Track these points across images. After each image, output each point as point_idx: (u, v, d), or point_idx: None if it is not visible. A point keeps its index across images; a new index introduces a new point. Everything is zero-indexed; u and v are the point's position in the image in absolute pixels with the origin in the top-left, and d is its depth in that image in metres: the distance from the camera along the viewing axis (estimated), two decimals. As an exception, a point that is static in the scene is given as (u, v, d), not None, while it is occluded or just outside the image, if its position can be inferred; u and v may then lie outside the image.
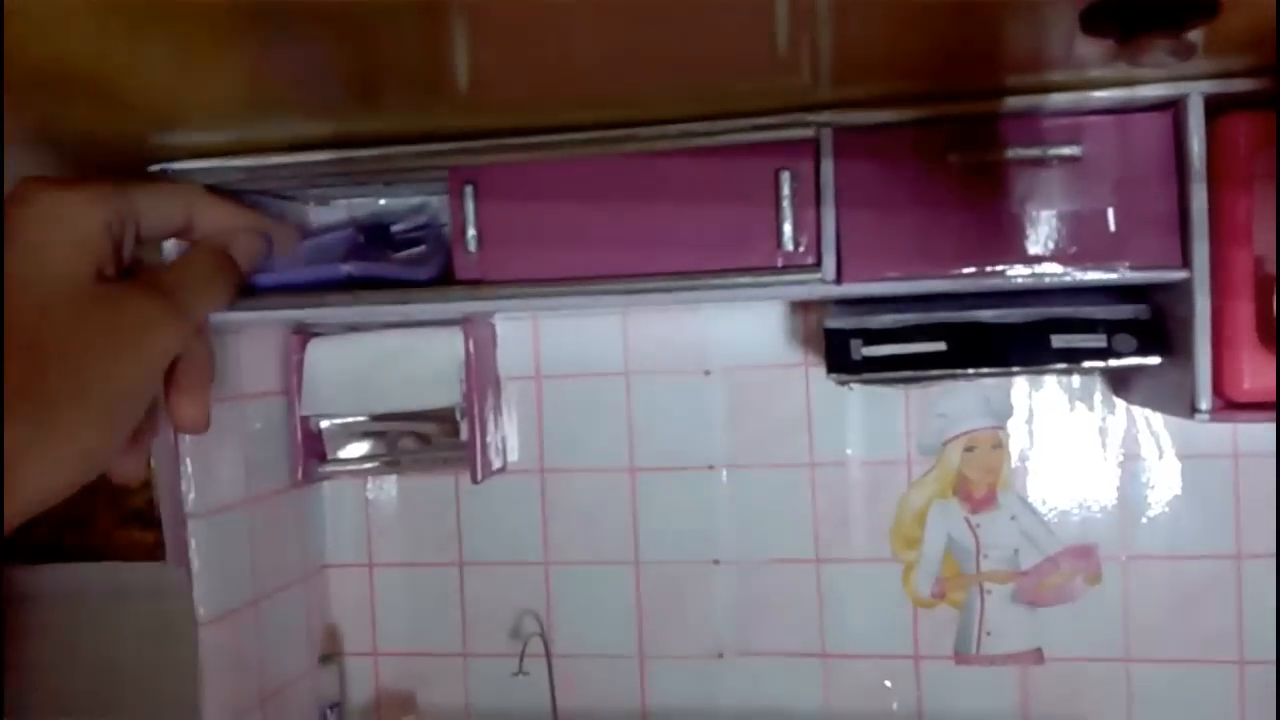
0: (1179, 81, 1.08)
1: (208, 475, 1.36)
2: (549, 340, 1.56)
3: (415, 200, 1.50)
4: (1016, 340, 1.20)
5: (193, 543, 1.34)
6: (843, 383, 1.31)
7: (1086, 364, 1.18)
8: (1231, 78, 1.06)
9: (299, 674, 1.54)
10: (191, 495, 1.33)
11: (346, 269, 0.69)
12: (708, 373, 1.52)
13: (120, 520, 1.79)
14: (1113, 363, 1.17)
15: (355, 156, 1.24)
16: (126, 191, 0.54)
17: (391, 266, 0.73)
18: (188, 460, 1.33)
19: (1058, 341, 1.19)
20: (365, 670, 1.64)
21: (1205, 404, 1.08)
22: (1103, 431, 1.43)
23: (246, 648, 1.42)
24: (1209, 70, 1.05)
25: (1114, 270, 1.12)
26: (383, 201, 1.58)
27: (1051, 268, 1.13)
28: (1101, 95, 1.10)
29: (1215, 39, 0.86)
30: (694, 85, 1.05)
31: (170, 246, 1.23)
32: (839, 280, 1.14)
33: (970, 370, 1.20)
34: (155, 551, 1.76)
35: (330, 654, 1.59)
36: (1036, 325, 1.20)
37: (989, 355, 1.20)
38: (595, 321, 1.54)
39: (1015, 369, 1.20)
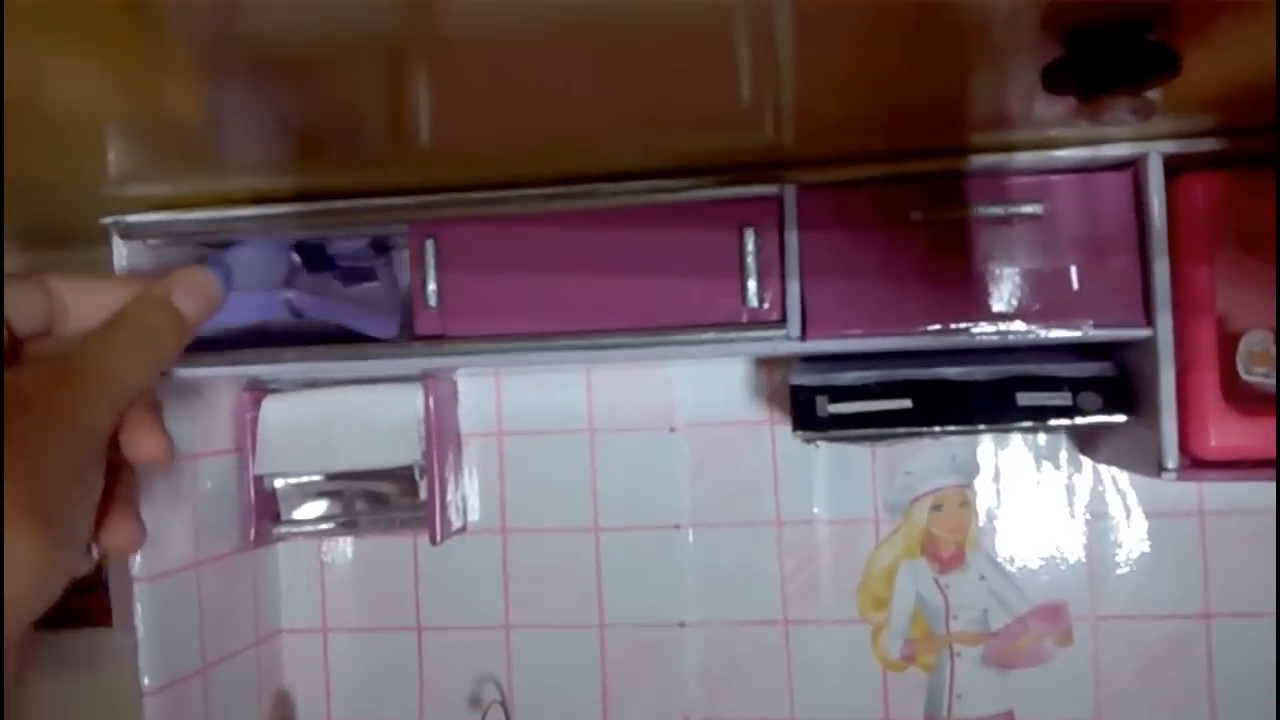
0: (1141, 141, 1.09)
1: (155, 538, 1.31)
2: (511, 396, 1.53)
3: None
4: (982, 397, 1.19)
5: (138, 608, 1.29)
6: (809, 440, 1.29)
7: (1052, 421, 1.18)
8: (1193, 138, 1.08)
9: (248, 745, 1.48)
10: (137, 559, 1.28)
11: (288, 296, 0.53)
12: (673, 429, 1.50)
13: (72, 585, 1.72)
14: (1078, 420, 1.17)
15: (315, 210, 1.22)
16: None
17: (346, 309, 0.51)
18: (134, 522, 1.29)
19: (1023, 399, 1.18)
20: (318, 740, 1.58)
21: (1172, 462, 1.07)
22: (1070, 490, 1.42)
23: (193, 717, 1.36)
24: (1170, 130, 1.07)
25: (1078, 328, 1.12)
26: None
27: (1016, 325, 1.12)
28: (1064, 154, 1.11)
29: (1176, 98, 0.86)
30: (657, 140, 1.05)
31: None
32: (804, 337, 1.13)
33: (936, 428, 1.19)
34: (103, 617, 1.69)
35: (282, 723, 1.54)
36: (1002, 383, 1.19)
37: (955, 413, 1.19)
38: (558, 377, 1.52)
39: (981, 427, 1.19)
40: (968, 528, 1.44)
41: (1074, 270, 1.12)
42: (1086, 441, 1.40)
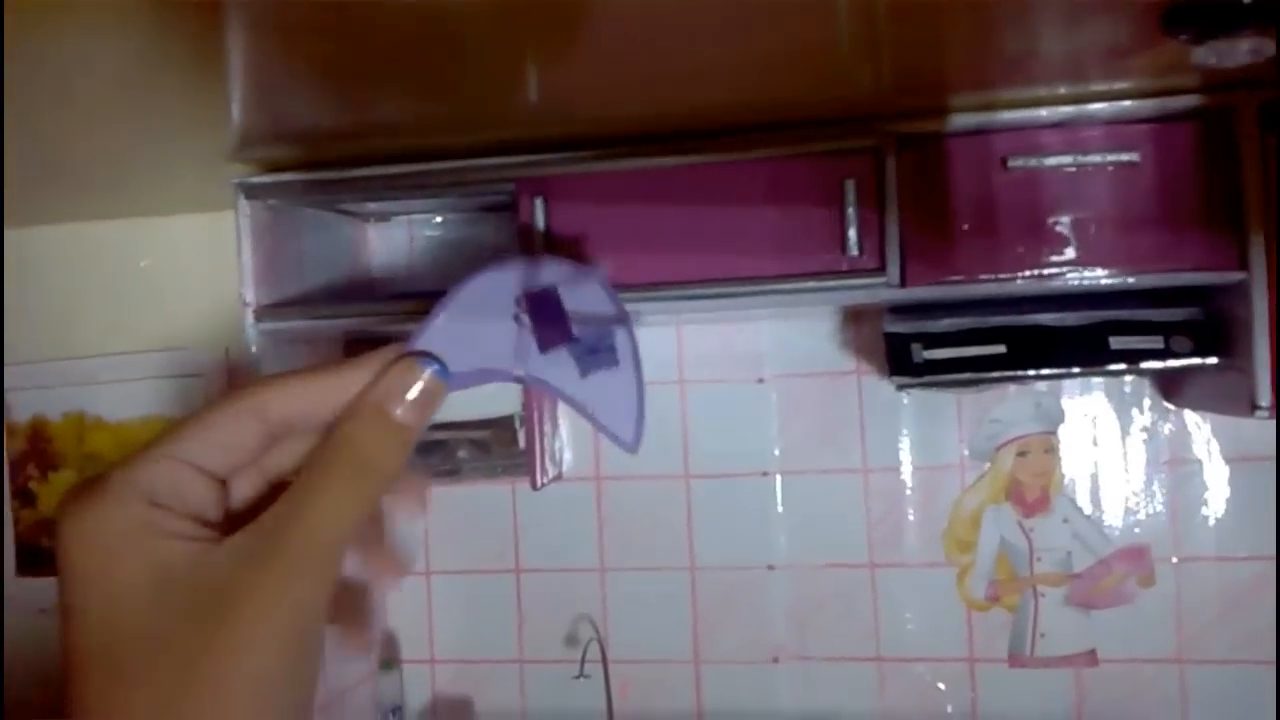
0: (1235, 90, 1.12)
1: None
2: (604, 350, 1.59)
3: (586, 278, 1.53)
4: (1075, 342, 1.23)
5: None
6: (903, 386, 1.34)
7: (1144, 365, 1.21)
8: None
9: (359, 679, 1.57)
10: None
11: (519, 375, 0.44)
12: (761, 380, 1.55)
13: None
14: (1171, 363, 1.20)
15: (428, 170, 1.28)
16: (159, 456, 0.36)
17: (577, 392, 0.40)
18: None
19: (1116, 343, 1.22)
20: (422, 676, 1.66)
21: (1265, 400, 1.11)
22: (1152, 435, 1.46)
23: (312, 652, 1.44)
24: (1265, 78, 1.09)
25: (1172, 273, 1.15)
26: (437, 221, 1.62)
27: (1111, 270, 1.16)
28: (1159, 103, 1.14)
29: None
30: (760, 88, 1.09)
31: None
32: (904, 284, 1.18)
33: (1030, 372, 1.23)
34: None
35: (389, 659, 1.62)
36: (1094, 327, 1.23)
37: (1048, 357, 1.23)
38: (650, 331, 1.57)
39: (1074, 370, 1.23)
40: (1052, 473, 1.48)
41: (1168, 216, 1.15)
42: (1171, 386, 1.44)
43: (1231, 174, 1.13)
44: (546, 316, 0.43)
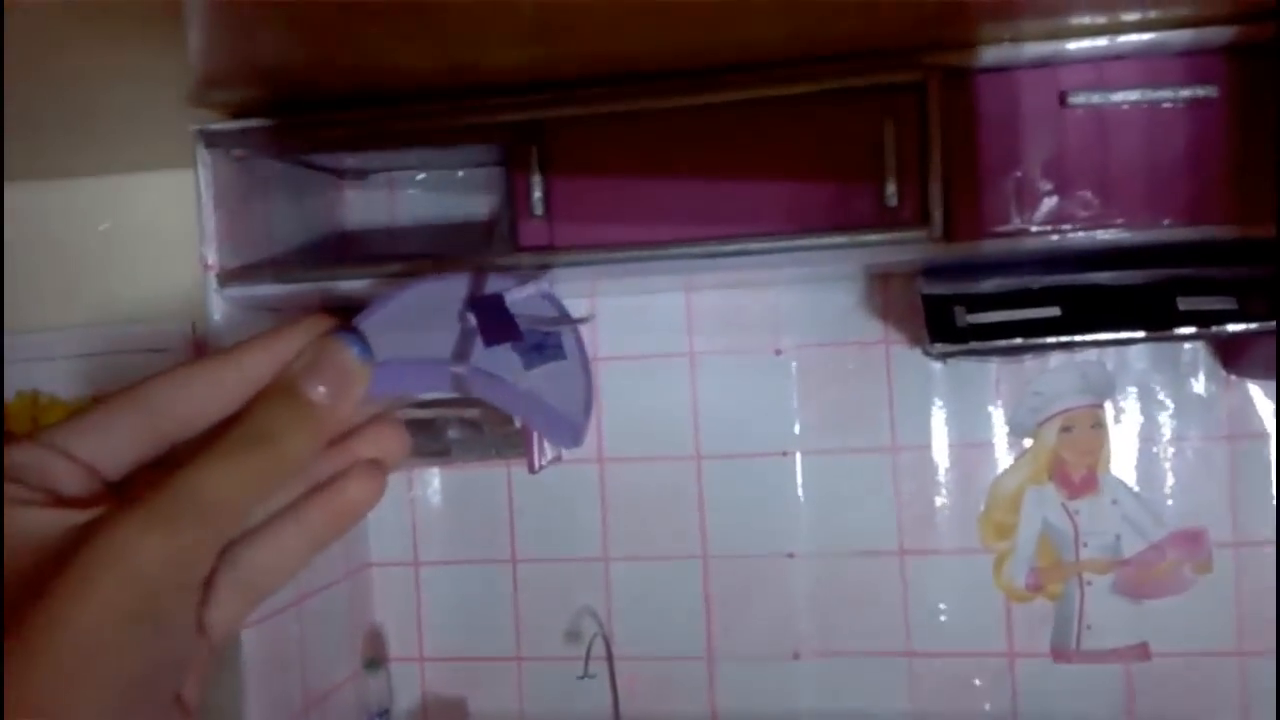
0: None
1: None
2: (607, 319, 1.45)
3: (532, 288, 1.41)
4: (1138, 303, 1.10)
5: (233, 538, 1.24)
6: (944, 355, 1.21)
7: (1215, 328, 1.08)
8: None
9: (343, 679, 1.44)
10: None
11: (458, 371, 0.41)
12: (779, 352, 1.42)
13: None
14: (1245, 326, 1.07)
15: (410, 114, 1.14)
16: (35, 442, 0.34)
17: (525, 401, 0.37)
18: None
19: (1184, 304, 1.09)
20: (411, 676, 1.53)
21: (1358, 367, 0.98)
22: (1211, 407, 1.33)
23: (289, 650, 1.31)
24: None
25: (1249, 225, 1.02)
26: (420, 179, 1.49)
27: (1180, 223, 1.03)
28: (1241, 30, 1.00)
29: None
30: (788, 21, 0.95)
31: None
32: (949, 238, 1.04)
33: (1088, 336, 1.10)
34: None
35: (376, 658, 1.49)
36: (1160, 287, 1.10)
37: (1108, 320, 1.10)
38: (657, 299, 1.44)
39: (1138, 335, 1.10)
40: (1100, 450, 1.35)
41: (1247, 161, 1.02)
42: (1232, 353, 1.31)
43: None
44: (493, 317, 0.44)
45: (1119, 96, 1.01)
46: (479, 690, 1.51)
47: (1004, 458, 1.37)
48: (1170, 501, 1.34)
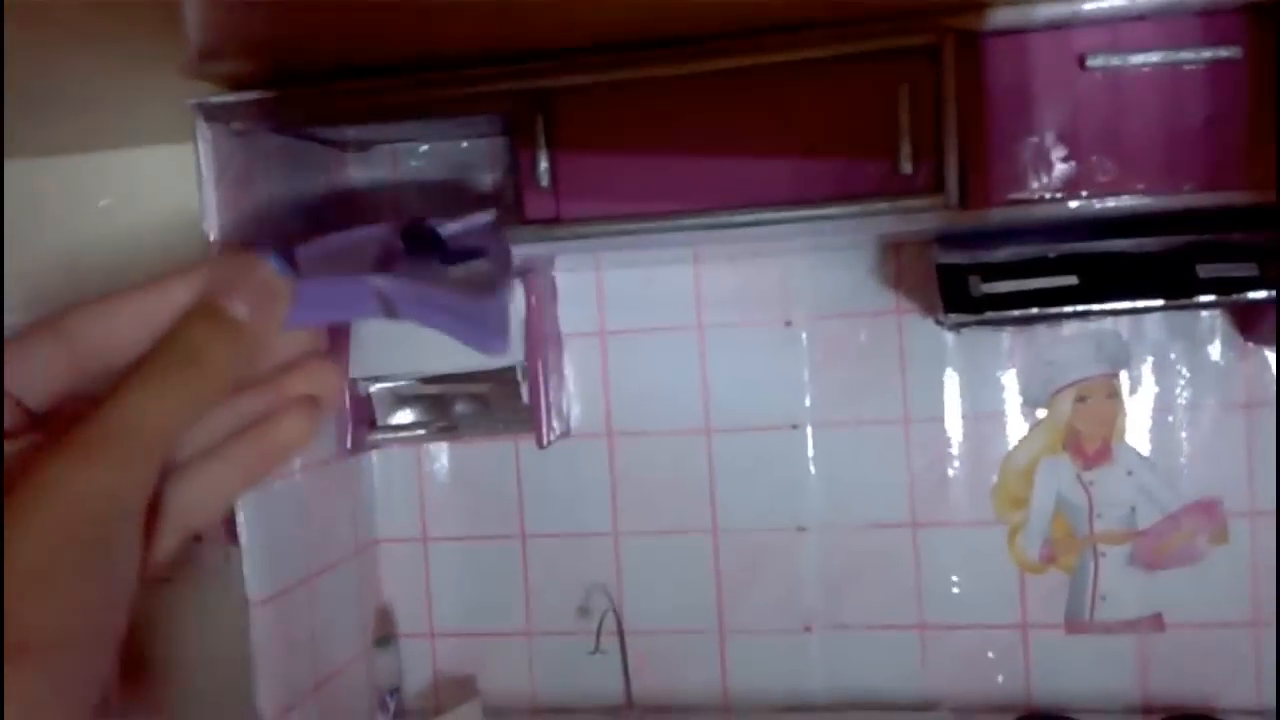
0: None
1: (254, 442, 1.24)
2: (614, 292, 1.44)
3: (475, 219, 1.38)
4: (1157, 271, 1.08)
5: (241, 517, 1.23)
6: (958, 325, 1.19)
7: (1236, 295, 1.06)
8: None
9: (353, 656, 1.43)
10: (238, 464, 1.21)
11: (377, 284, 0.40)
12: (788, 323, 1.40)
13: (151, 499, 1.67)
14: (1272, 293, 1.05)
15: (417, 82, 1.12)
16: None
17: (438, 292, 0.35)
18: (233, 426, 1.22)
19: (1205, 271, 1.07)
20: (422, 652, 1.52)
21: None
22: (1227, 376, 1.31)
23: (299, 629, 1.31)
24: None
25: (1271, 191, 1.00)
26: (423, 151, 1.46)
27: (1200, 187, 1.01)
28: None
29: None
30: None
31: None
32: (965, 205, 1.02)
33: (1107, 305, 1.08)
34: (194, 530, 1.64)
35: (386, 635, 1.48)
36: (1179, 254, 1.08)
37: (1127, 288, 1.08)
38: (663, 271, 1.42)
39: (1158, 303, 1.08)
40: (1115, 420, 1.33)
41: (1270, 126, 1.00)
42: (1249, 321, 1.29)
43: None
44: (420, 236, 0.43)
45: (1139, 59, 0.99)
46: (489, 666, 1.51)
47: (1018, 428, 1.35)
48: (1186, 472, 1.32)
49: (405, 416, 1.46)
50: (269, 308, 0.36)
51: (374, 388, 1.43)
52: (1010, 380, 1.35)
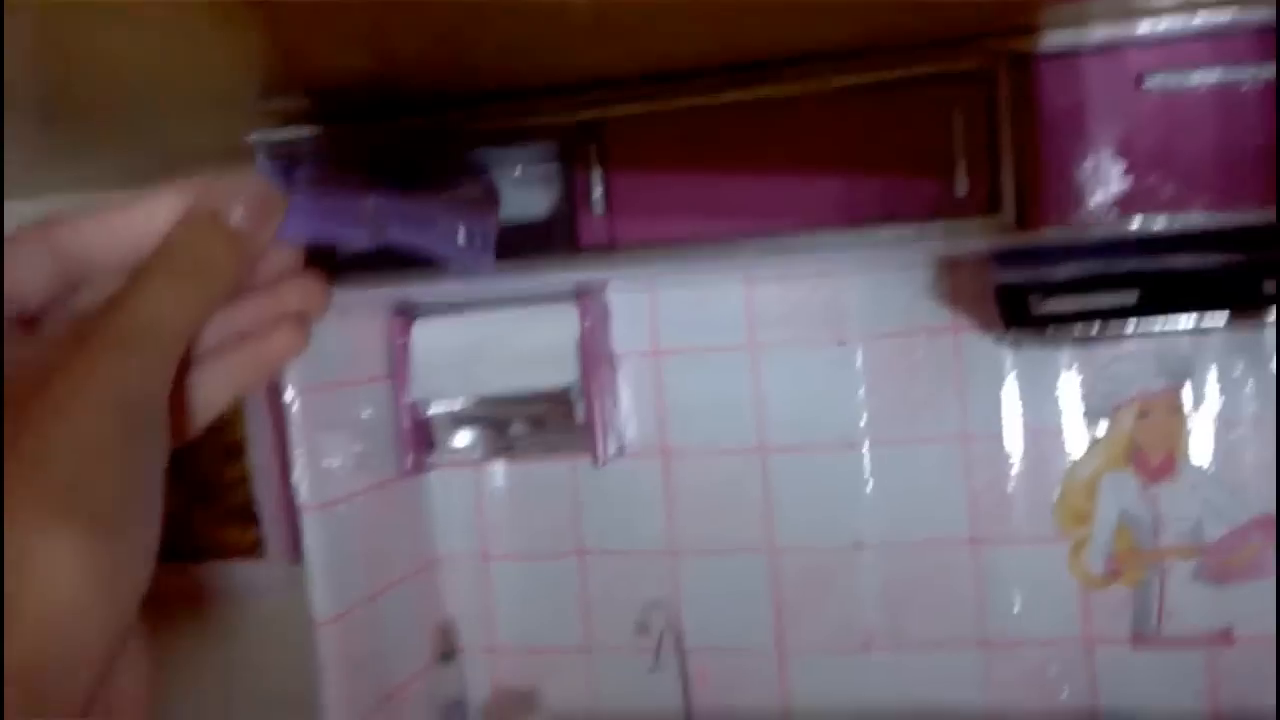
0: None
1: (319, 466, 1.27)
2: (666, 313, 1.45)
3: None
4: (1219, 288, 1.06)
5: (307, 537, 1.26)
6: (1018, 342, 1.18)
7: (1304, 311, 1.04)
8: None
9: (417, 672, 1.46)
10: (304, 487, 1.25)
11: (368, 204, 0.40)
12: (842, 343, 1.40)
13: (218, 518, 1.71)
14: (1337, 308, 1.03)
15: (475, 114, 1.14)
16: None
17: (426, 210, 0.36)
18: (298, 451, 1.25)
19: (1270, 287, 1.05)
20: (482, 668, 1.55)
21: None
22: (1294, 388, 1.29)
23: (364, 647, 1.33)
24: None
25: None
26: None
27: (1261, 206, 0.99)
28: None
29: None
30: (852, 10, 0.93)
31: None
32: (1022, 226, 1.02)
33: (1171, 322, 1.07)
34: (255, 549, 1.68)
35: (449, 651, 1.51)
36: (1242, 270, 1.06)
37: (1188, 305, 1.07)
38: (715, 291, 1.43)
39: (1222, 318, 1.06)
40: (1178, 434, 1.31)
41: (1335, 137, 0.98)
42: (1317, 334, 1.26)
43: None
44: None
45: (1196, 78, 0.98)
46: (550, 681, 1.53)
47: (1078, 444, 1.34)
48: (1252, 485, 1.30)
49: (463, 438, 1.48)
50: (266, 219, 0.37)
51: (432, 409, 1.46)
52: (1070, 396, 1.34)
